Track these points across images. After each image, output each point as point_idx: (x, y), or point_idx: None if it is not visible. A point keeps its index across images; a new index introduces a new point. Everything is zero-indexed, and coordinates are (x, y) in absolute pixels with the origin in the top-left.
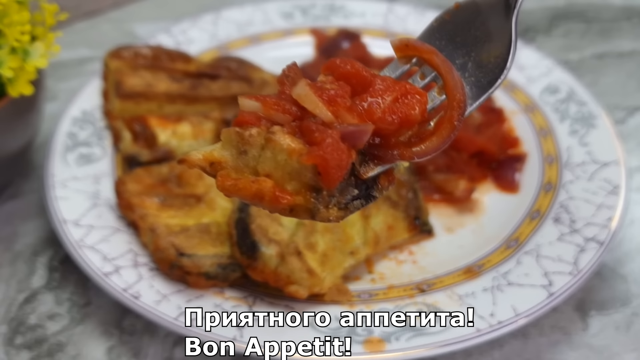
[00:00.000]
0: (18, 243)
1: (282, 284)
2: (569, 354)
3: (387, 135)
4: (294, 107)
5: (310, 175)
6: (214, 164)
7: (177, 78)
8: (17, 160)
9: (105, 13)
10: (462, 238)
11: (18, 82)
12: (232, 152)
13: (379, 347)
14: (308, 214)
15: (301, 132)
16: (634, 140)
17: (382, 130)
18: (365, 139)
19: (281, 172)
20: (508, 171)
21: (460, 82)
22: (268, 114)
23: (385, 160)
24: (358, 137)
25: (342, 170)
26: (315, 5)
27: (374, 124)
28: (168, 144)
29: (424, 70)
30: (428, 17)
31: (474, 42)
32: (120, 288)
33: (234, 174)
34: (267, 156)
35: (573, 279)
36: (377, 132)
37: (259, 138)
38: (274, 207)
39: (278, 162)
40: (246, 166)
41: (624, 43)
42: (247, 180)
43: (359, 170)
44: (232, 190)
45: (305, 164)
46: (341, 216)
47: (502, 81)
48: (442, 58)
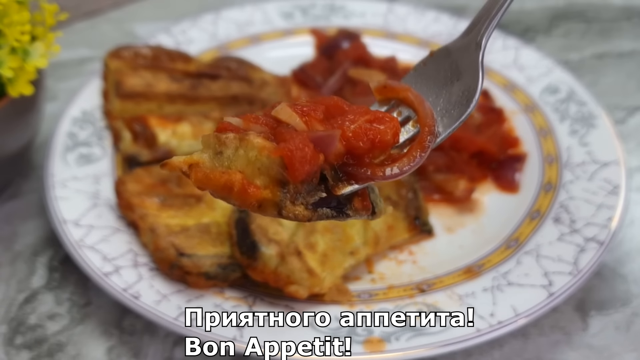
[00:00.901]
0: (18, 243)
1: (282, 284)
2: (569, 354)
3: (361, 155)
4: (272, 121)
5: (278, 169)
6: (192, 166)
7: (177, 78)
8: (17, 160)
9: (105, 13)
10: (462, 238)
11: (18, 82)
12: (209, 153)
13: (379, 347)
14: (275, 209)
15: (275, 138)
16: (634, 140)
17: (354, 149)
18: (334, 145)
19: (251, 167)
20: (508, 171)
21: (431, 111)
22: (247, 127)
23: (358, 179)
24: (326, 141)
25: (306, 163)
26: (315, 5)
27: (346, 141)
28: (168, 144)
29: (401, 110)
30: (428, 17)
31: (444, 82)
32: (120, 288)
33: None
34: (239, 154)
35: (573, 279)
36: (350, 150)
37: (234, 140)
38: (243, 199)
39: (249, 159)
40: (221, 165)
41: (624, 43)
42: (218, 172)
43: (332, 184)
44: (204, 181)
45: (273, 158)
46: (308, 216)
47: (471, 110)
48: (415, 93)
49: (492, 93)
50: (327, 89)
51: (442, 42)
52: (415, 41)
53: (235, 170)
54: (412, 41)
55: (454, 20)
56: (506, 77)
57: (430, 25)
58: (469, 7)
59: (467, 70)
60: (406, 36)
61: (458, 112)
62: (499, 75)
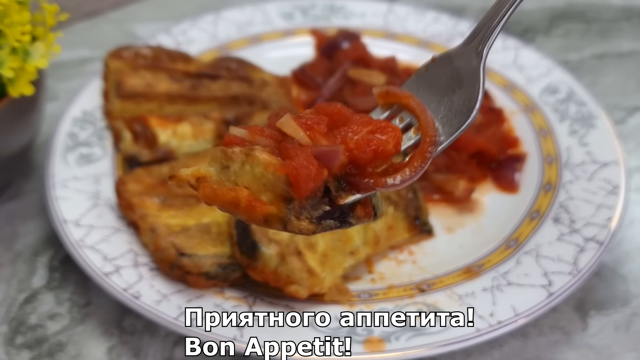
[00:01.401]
0: (18, 243)
1: (282, 284)
2: (568, 353)
3: (363, 165)
4: (277, 134)
5: (283, 186)
6: (199, 179)
7: (177, 78)
8: (18, 160)
9: (106, 13)
10: (462, 238)
11: (19, 82)
12: (216, 167)
13: (379, 347)
14: (281, 224)
15: (279, 152)
16: (633, 140)
17: (357, 160)
18: (337, 159)
19: (257, 183)
20: (508, 171)
21: (433, 120)
22: (253, 139)
23: (360, 188)
24: (330, 156)
25: (311, 181)
26: (315, 5)
27: (349, 152)
28: (168, 144)
29: (403, 115)
30: (428, 17)
31: (446, 90)
32: (120, 288)
33: (215, 185)
34: (246, 170)
35: (573, 279)
36: (353, 161)
37: (240, 155)
38: (249, 215)
39: (255, 175)
40: (228, 180)
41: (624, 43)
42: (225, 188)
43: (335, 195)
44: (211, 197)
45: (279, 175)
46: (312, 230)
47: (471, 120)
48: (417, 101)
49: (492, 93)
50: (327, 89)
51: (442, 42)
52: (415, 41)
53: (242, 187)
54: (412, 41)
55: (453, 21)
56: (506, 77)
57: (430, 25)
58: (469, 7)
59: (468, 79)
60: (406, 36)
61: (459, 121)
62: (498, 75)
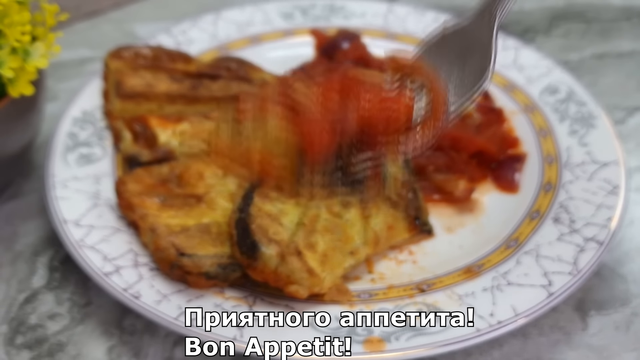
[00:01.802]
0: (18, 243)
1: (282, 284)
2: (568, 353)
3: (376, 133)
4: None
5: (296, 151)
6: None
7: (177, 78)
8: (18, 161)
9: (106, 13)
10: (462, 238)
11: (18, 82)
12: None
13: (379, 347)
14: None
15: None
16: (633, 140)
17: (369, 127)
18: (349, 126)
19: (270, 145)
20: (508, 171)
21: (443, 84)
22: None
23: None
24: (342, 123)
25: (323, 143)
26: (315, 5)
27: (361, 118)
28: (168, 144)
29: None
30: (428, 17)
31: (457, 58)
32: (120, 288)
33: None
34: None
35: (573, 279)
36: (365, 128)
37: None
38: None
39: (268, 140)
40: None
41: (624, 43)
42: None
43: (346, 161)
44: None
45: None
46: (324, 195)
47: (483, 89)
48: (428, 70)
49: (492, 93)
50: None
51: None
52: (415, 41)
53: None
54: (412, 41)
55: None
56: (506, 77)
57: (430, 25)
58: (469, 7)
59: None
60: (406, 36)
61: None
62: (498, 75)
